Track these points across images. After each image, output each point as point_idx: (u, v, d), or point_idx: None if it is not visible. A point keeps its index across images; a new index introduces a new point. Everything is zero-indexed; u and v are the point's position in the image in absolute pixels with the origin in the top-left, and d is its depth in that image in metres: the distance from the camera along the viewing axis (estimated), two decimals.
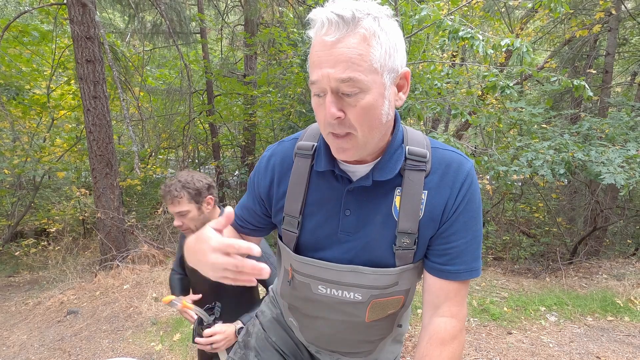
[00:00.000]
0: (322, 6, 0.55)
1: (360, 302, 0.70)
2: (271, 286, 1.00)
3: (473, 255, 0.67)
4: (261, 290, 1.32)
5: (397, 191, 0.66)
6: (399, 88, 0.61)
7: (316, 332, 0.80)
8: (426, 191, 0.65)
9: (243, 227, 0.82)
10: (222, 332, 1.11)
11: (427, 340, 0.66)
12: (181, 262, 1.43)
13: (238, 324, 1.17)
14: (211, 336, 1.09)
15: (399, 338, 0.86)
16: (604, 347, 2.42)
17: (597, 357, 2.30)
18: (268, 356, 0.87)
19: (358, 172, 0.67)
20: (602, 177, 2.82)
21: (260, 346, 0.89)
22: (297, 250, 0.73)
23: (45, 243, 5.07)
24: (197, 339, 1.12)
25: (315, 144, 0.70)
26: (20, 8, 7.84)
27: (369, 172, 0.66)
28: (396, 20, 0.58)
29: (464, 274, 0.66)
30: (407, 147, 0.66)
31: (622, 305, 2.97)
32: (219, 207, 1.32)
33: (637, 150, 3.01)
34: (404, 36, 0.57)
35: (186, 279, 1.44)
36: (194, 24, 6.30)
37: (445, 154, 0.67)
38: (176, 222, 1.23)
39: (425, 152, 0.66)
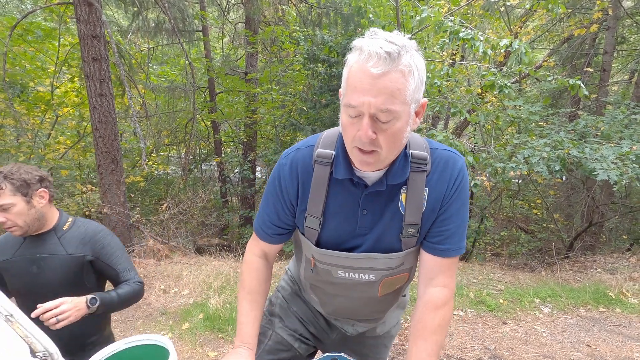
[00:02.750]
0: (363, 36, 0.63)
1: (374, 282, 0.83)
2: (288, 267, 1.12)
3: (461, 236, 0.79)
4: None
5: (403, 190, 0.76)
6: (417, 114, 0.70)
7: (335, 307, 0.93)
8: (427, 188, 0.76)
9: (274, 237, 0.88)
10: (69, 300, 1.00)
11: (422, 306, 0.78)
12: None
13: (89, 296, 1.09)
14: (57, 306, 0.98)
15: (402, 305, 1.01)
16: (594, 336, 2.52)
17: (588, 345, 2.40)
18: (290, 322, 1.01)
19: (372, 177, 0.75)
20: (596, 173, 2.92)
21: (283, 314, 1.03)
22: (319, 244, 0.83)
23: None
24: (39, 307, 0.97)
25: (333, 152, 0.77)
26: (22, 6, 7.89)
27: (381, 177, 0.75)
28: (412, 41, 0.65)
29: (454, 251, 0.78)
30: (410, 152, 0.76)
31: (614, 297, 3.07)
32: (52, 203, 1.19)
33: (630, 148, 3.10)
34: (405, 34, 0.64)
35: None
36: (196, 21, 6.35)
37: (442, 154, 0.78)
38: None
39: (426, 155, 0.76)
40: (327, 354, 0.80)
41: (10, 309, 0.50)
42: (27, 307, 1.12)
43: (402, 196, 0.76)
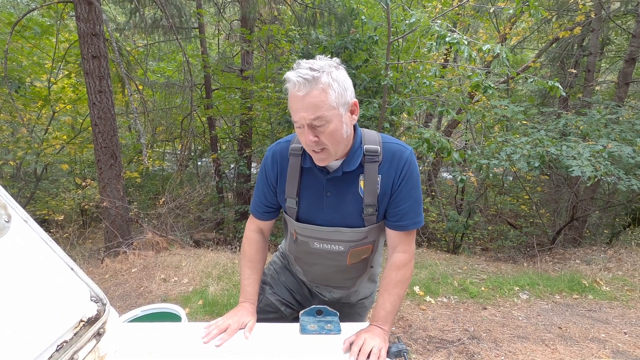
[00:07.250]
0: (292, 69, 0.83)
1: (343, 252, 1.00)
2: (280, 245, 1.30)
3: (415, 212, 0.96)
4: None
5: (361, 177, 0.94)
6: (352, 112, 0.89)
7: (314, 275, 1.11)
8: (380, 175, 0.93)
9: (264, 214, 1.09)
10: None
11: (388, 267, 0.98)
12: None
13: None
14: None
15: (373, 278, 1.16)
16: (566, 319, 2.73)
17: (559, 327, 2.61)
18: (279, 290, 1.20)
19: (332, 166, 0.95)
20: (571, 169, 3.12)
21: (273, 283, 1.21)
22: (298, 219, 1.02)
23: (54, 230, 5.27)
24: None
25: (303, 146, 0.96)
26: (17, 0, 7.88)
27: (339, 166, 0.94)
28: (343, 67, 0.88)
29: (410, 226, 0.96)
30: (364, 146, 0.94)
31: (587, 285, 3.29)
32: None
33: (604, 146, 3.30)
34: (394, 37, 0.80)
35: None
36: (192, 19, 6.44)
37: (391, 147, 0.95)
38: None
39: (377, 148, 0.93)
40: (313, 306, 0.97)
41: (71, 264, 0.65)
42: None
43: (361, 182, 0.94)
